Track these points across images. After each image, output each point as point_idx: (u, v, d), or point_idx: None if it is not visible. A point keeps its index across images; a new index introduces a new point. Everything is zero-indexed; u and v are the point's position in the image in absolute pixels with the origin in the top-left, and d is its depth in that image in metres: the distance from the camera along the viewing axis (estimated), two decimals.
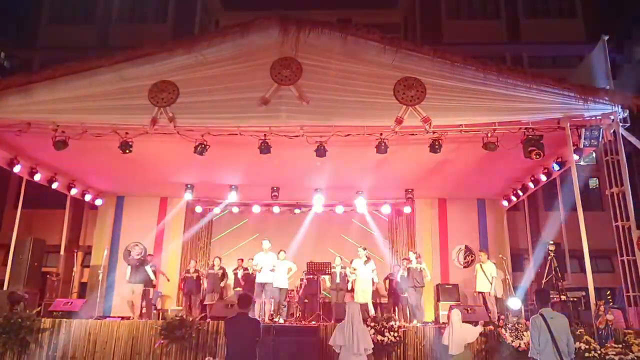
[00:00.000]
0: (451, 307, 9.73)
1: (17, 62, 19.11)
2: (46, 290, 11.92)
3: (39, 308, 10.38)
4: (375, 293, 11.99)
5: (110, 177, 12.66)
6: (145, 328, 8.83)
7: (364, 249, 11.39)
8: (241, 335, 5.95)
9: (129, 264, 11.29)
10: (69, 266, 13.77)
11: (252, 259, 11.47)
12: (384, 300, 12.54)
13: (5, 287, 10.76)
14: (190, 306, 11.77)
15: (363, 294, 10.80)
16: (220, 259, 12.43)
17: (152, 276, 11.72)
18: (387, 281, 12.43)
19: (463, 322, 7.94)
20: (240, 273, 12.13)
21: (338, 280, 11.26)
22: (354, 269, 11.12)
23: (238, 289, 11.96)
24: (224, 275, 11.98)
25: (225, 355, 6.22)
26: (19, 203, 11.54)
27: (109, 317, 11.09)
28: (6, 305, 9.43)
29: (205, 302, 11.67)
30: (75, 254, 13.12)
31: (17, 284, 10.80)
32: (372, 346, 7.05)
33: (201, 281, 12.10)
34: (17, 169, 10.66)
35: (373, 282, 11.30)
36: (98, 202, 14.01)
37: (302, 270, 12.00)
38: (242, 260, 12.47)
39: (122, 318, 9.96)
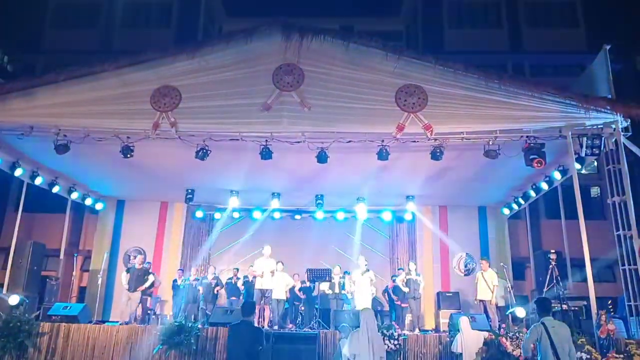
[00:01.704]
0: (451, 315, 9.75)
1: (20, 65, 19.19)
2: (45, 294, 11.88)
3: (38, 312, 10.35)
4: (374, 301, 11.98)
5: (111, 182, 12.67)
6: (144, 333, 8.79)
7: (364, 258, 11.35)
8: (244, 343, 5.90)
9: (127, 272, 11.23)
10: (69, 270, 13.75)
11: (252, 265, 11.46)
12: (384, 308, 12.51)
13: (5, 291, 10.73)
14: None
15: (362, 304, 10.74)
16: (214, 267, 12.40)
17: (154, 283, 11.67)
18: (386, 294, 12.38)
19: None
20: (240, 282, 12.09)
21: (337, 290, 11.28)
22: (353, 281, 11.10)
23: (233, 298, 11.92)
24: (217, 284, 11.92)
25: None
26: (19, 206, 11.53)
27: (108, 321, 11.04)
28: (5, 308, 9.41)
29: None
30: (75, 258, 13.10)
31: (16, 288, 10.77)
32: (386, 355, 6.88)
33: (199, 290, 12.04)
34: (18, 172, 10.68)
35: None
36: (99, 206, 14.01)
37: (295, 274, 12.05)
38: (238, 270, 12.43)
39: (121, 323, 9.92)
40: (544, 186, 11.06)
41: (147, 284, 11.12)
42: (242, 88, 8.87)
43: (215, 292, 11.71)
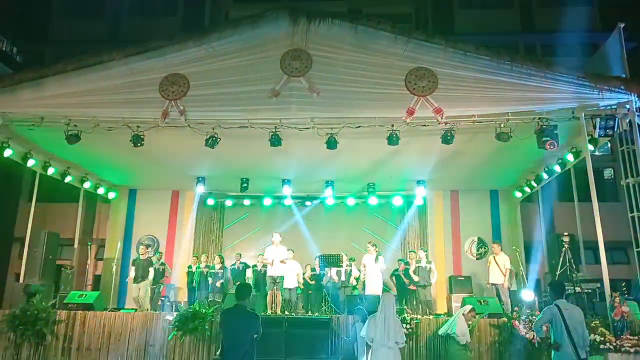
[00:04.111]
0: (464, 299, 9.74)
1: (29, 56, 19.24)
2: (61, 283, 12.05)
3: (54, 300, 10.53)
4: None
5: (123, 171, 12.75)
6: (159, 320, 8.92)
7: (374, 244, 11.34)
8: (238, 330, 5.42)
9: (133, 264, 11.35)
10: (83, 259, 13.92)
11: (262, 254, 11.56)
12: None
13: (21, 280, 10.91)
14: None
15: (374, 290, 10.77)
16: (221, 256, 12.47)
17: (164, 273, 11.79)
18: (394, 277, 12.38)
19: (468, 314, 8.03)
20: (249, 270, 12.15)
21: (344, 278, 11.35)
22: (364, 266, 11.12)
23: (238, 283, 11.96)
24: (224, 273, 11.99)
25: (220, 350, 5.55)
26: (33, 197, 11.66)
27: (123, 308, 11.20)
28: (22, 297, 9.58)
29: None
30: (89, 247, 13.25)
31: (32, 277, 10.94)
32: (405, 339, 6.82)
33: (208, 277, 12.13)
34: (30, 163, 10.79)
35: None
36: (111, 195, 14.13)
37: (307, 264, 12.12)
38: (240, 255, 12.50)
39: (136, 310, 10.07)
40: (557, 168, 10.94)
41: (150, 277, 11.25)
42: (250, 74, 8.83)
43: (218, 284, 11.73)
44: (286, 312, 10.27)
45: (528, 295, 9.88)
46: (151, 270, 11.41)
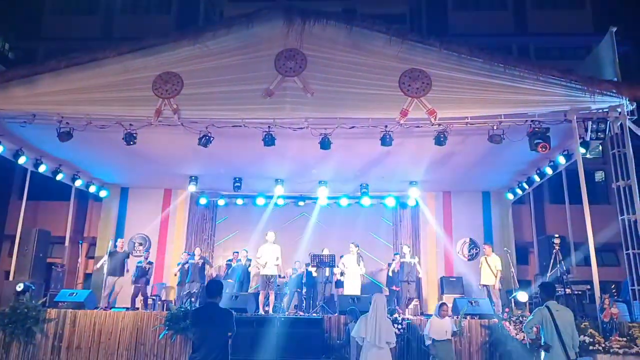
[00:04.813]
0: (455, 300, 9.78)
1: (21, 53, 19.12)
2: (51, 281, 11.98)
3: (45, 298, 10.45)
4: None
5: (115, 169, 12.69)
6: (150, 319, 8.88)
7: (356, 245, 11.31)
8: (210, 329, 5.12)
9: (109, 256, 11.28)
10: (74, 257, 13.83)
11: (245, 250, 11.50)
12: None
13: (11, 278, 10.83)
14: None
15: (353, 288, 10.78)
16: (201, 249, 12.41)
17: (149, 271, 11.71)
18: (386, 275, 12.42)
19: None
20: (242, 265, 12.09)
21: (327, 274, 11.36)
22: (344, 265, 11.13)
23: (230, 281, 11.93)
24: (204, 265, 11.92)
25: (191, 352, 5.22)
26: (24, 194, 11.58)
27: (114, 307, 11.15)
28: (12, 295, 9.51)
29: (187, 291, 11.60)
30: (80, 245, 13.18)
31: (22, 275, 10.86)
32: (395, 340, 6.82)
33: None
34: (22, 160, 10.70)
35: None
36: (102, 193, 14.04)
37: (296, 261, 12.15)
38: (237, 253, 12.46)
39: (127, 309, 10.03)
40: (548, 171, 11.01)
41: (125, 272, 11.19)
42: (244, 74, 8.82)
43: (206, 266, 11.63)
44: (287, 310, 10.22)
45: (521, 296, 9.93)
46: (127, 262, 11.32)
